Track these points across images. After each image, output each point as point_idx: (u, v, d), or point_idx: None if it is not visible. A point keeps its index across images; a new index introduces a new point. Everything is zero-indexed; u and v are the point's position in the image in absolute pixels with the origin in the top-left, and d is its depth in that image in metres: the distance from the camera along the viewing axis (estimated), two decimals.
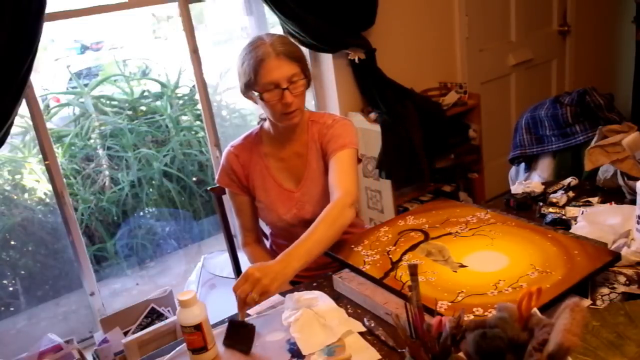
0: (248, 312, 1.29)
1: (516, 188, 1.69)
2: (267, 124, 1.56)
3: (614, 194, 1.57)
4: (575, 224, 1.41)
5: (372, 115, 2.73)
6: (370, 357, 1.06)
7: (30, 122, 2.28)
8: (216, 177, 1.63)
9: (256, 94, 1.42)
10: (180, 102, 3.64)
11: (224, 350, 1.16)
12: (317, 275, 1.44)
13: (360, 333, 1.13)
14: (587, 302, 1.11)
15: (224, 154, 1.60)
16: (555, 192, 1.64)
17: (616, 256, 1.16)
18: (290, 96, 1.40)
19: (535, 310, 0.78)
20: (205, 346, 1.11)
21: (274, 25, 2.72)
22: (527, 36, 3.48)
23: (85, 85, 3.39)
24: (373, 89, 2.72)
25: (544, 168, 2.40)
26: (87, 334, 2.51)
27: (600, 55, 3.99)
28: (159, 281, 3.21)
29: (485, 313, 1.03)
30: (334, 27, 2.57)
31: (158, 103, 3.56)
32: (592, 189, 1.65)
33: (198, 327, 1.09)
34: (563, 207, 1.55)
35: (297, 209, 1.55)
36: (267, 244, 1.76)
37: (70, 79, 3.58)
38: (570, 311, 0.71)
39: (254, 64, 1.39)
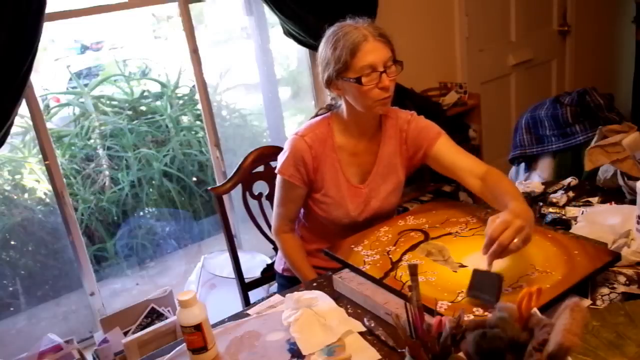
0: (247, 312, 1.29)
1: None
2: (344, 114, 1.48)
3: (614, 194, 1.57)
4: (575, 224, 1.41)
5: None
6: (370, 357, 1.06)
7: (30, 122, 2.28)
8: (279, 165, 1.50)
9: (352, 79, 1.36)
10: (180, 102, 3.63)
11: (469, 300, 1.06)
12: (317, 275, 1.44)
13: (360, 333, 1.13)
14: (587, 302, 1.10)
15: (292, 142, 1.48)
16: (555, 192, 1.64)
17: (616, 256, 1.16)
18: (388, 80, 1.38)
19: (535, 310, 0.78)
20: (205, 346, 1.11)
21: (274, 25, 2.72)
22: (527, 36, 3.48)
23: (85, 85, 3.39)
24: None
25: (544, 168, 2.40)
26: (87, 334, 2.51)
27: (600, 55, 3.99)
28: (159, 281, 3.21)
29: (485, 313, 1.03)
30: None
31: (158, 103, 3.56)
32: (592, 189, 1.65)
33: (198, 327, 1.09)
34: (563, 207, 1.55)
35: (365, 205, 1.53)
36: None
37: (70, 79, 3.57)
38: (570, 311, 0.71)
39: (350, 47, 1.35)
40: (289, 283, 1.61)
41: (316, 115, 1.56)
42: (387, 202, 1.56)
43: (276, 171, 1.53)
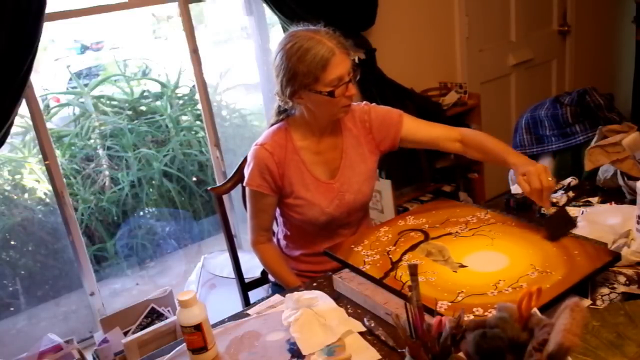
0: (247, 312, 1.29)
1: (516, 188, 1.68)
2: (303, 116, 1.50)
3: (614, 194, 1.57)
4: None
5: None
6: (370, 357, 1.06)
7: (30, 122, 2.28)
8: (245, 178, 1.53)
9: (325, 92, 1.39)
10: (180, 102, 3.64)
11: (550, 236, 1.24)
12: (317, 275, 1.44)
13: (360, 333, 1.13)
14: (587, 302, 1.11)
15: (253, 153, 1.52)
16: (555, 192, 1.64)
17: (616, 256, 1.16)
18: (353, 88, 1.43)
19: (535, 310, 0.78)
20: (205, 346, 1.11)
21: (274, 25, 2.72)
22: (527, 36, 3.48)
23: (85, 85, 3.39)
24: (373, 89, 2.72)
25: None
26: (87, 334, 2.51)
27: (600, 55, 3.99)
28: (159, 281, 3.21)
29: (485, 313, 1.03)
30: (334, 27, 2.57)
31: (158, 103, 3.56)
32: (592, 189, 1.65)
33: (198, 327, 1.09)
34: (563, 207, 1.55)
35: (339, 200, 1.54)
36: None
37: (70, 79, 3.58)
38: (570, 311, 0.71)
39: (322, 63, 1.36)
40: (283, 290, 1.61)
41: (272, 125, 1.58)
42: (361, 193, 1.58)
43: (244, 184, 1.55)
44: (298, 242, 1.64)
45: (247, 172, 1.53)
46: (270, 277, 1.73)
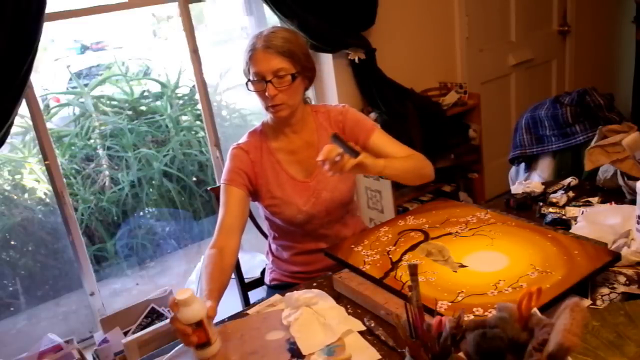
0: (247, 312, 1.29)
1: (516, 188, 1.69)
2: (270, 119, 1.55)
3: (614, 194, 1.57)
4: (575, 224, 1.41)
5: (372, 115, 2.73)
6: (370, 357, 1.06)
7: (30, 122, 2.28)
8: (222, 177, 1.52)
9: (246, 82, 1.47)
10: (180, 102, 3.64)
11: None
12: (309, 276, 1.44)
13: (360, 333, 1.13)
14: (587, 302, 1.10)
15: (230, 153, 1.55)
16: (555, 192, 1.64)
17: (616, 256, 1.16)
18: (273, 89, 1.42)
19: (535, 310, 0.78)
20: (209, 340, 1.11)
21: (274, 25, 2.72)
22: (527, 36, 3.48)
23: (85, 85, 3.39)
24: (373, 88, 2.72)
25: (544, 168, 2.40)
26: (87, 334, 2.51)
27: (600, 55, 3.99)
28: (159, 281, 3.21)
29: (485, 313, 1.03)
30: (334, 27, 2.57)
31: (158, 103, 3.56)
32: (592, 189, 1.65)
33: (199, 324, 1.09)
34: (563, 207, 1.55)
35: (315, 198, 1.55)
36: (266, 248, 1.75)
37: (70, 79, 3.58)
38: (570, 311, 0.71)
39: (246, 54, 1.45)
40: (280, 292, 1.61)
41: None
42: (337, 191, 1.57)
43: (221, 182, 1.52)
44: (285, 243, 1.64)
45: (224, 171, 1.54)
46: (265, 280, 1.73)
